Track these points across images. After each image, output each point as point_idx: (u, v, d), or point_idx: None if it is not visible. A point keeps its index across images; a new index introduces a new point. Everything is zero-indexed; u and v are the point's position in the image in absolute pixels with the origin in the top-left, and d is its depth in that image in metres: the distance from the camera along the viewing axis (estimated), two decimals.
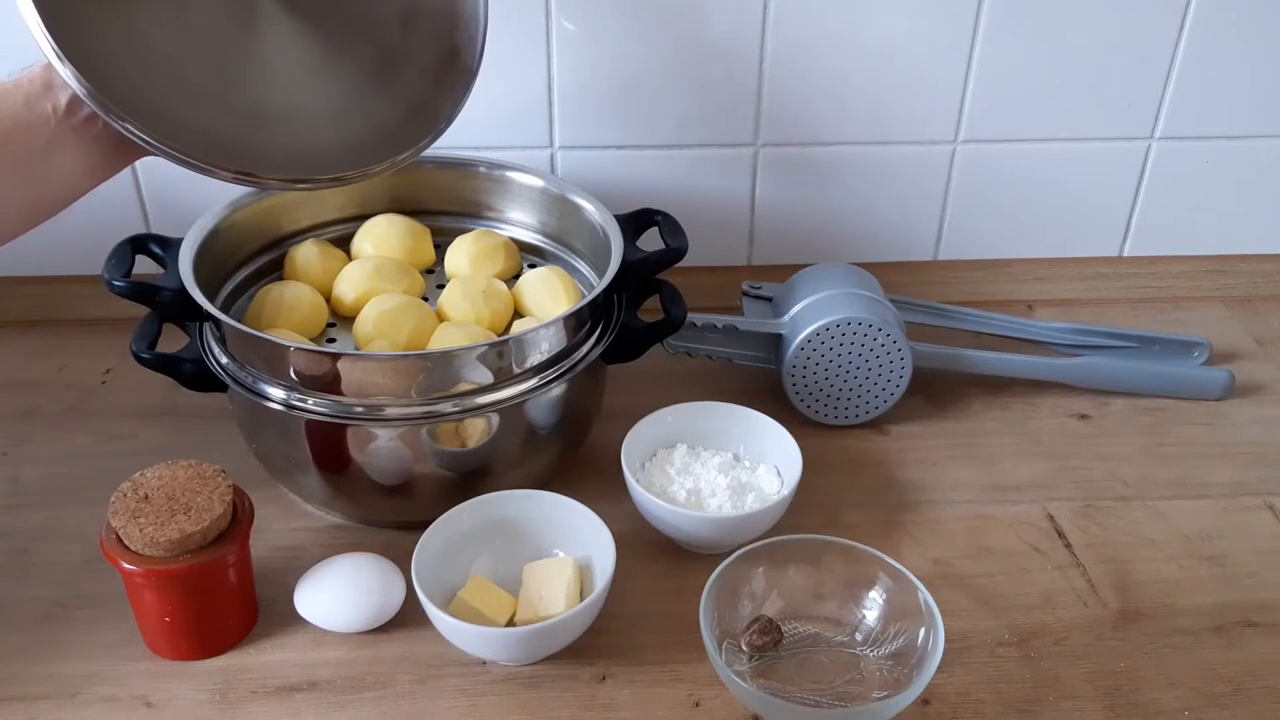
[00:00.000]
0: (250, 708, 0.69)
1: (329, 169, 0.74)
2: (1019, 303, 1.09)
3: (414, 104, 0.78)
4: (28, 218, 0.69)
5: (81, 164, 0.69)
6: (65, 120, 0.67)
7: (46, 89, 0.66)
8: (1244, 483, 0.88)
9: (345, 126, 0.75)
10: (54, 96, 0.66)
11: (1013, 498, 0.86)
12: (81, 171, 0.69)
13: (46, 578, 0.78)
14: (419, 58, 0.78)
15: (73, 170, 0.69)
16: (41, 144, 0.66)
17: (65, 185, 0.69)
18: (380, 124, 0.76)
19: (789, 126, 1.00)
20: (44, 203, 0.69)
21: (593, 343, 0.81)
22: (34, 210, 0.69)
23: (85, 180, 0.70)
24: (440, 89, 0.79)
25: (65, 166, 0.68)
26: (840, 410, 0.92)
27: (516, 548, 0.76)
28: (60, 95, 0.66)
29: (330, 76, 0.75)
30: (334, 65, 0.75)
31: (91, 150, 0.68)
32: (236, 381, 0.77)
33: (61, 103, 0.66)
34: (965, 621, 0.75)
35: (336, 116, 0.75)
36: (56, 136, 0.67)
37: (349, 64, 0.76)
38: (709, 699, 0.70)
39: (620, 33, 0.96)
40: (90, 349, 1.00)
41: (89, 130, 0.67)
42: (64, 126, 0.67)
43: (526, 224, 0.95)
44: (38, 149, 0.66)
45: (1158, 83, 1.00)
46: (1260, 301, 1.10)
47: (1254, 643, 0.74)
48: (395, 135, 0.77)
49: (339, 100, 0.75)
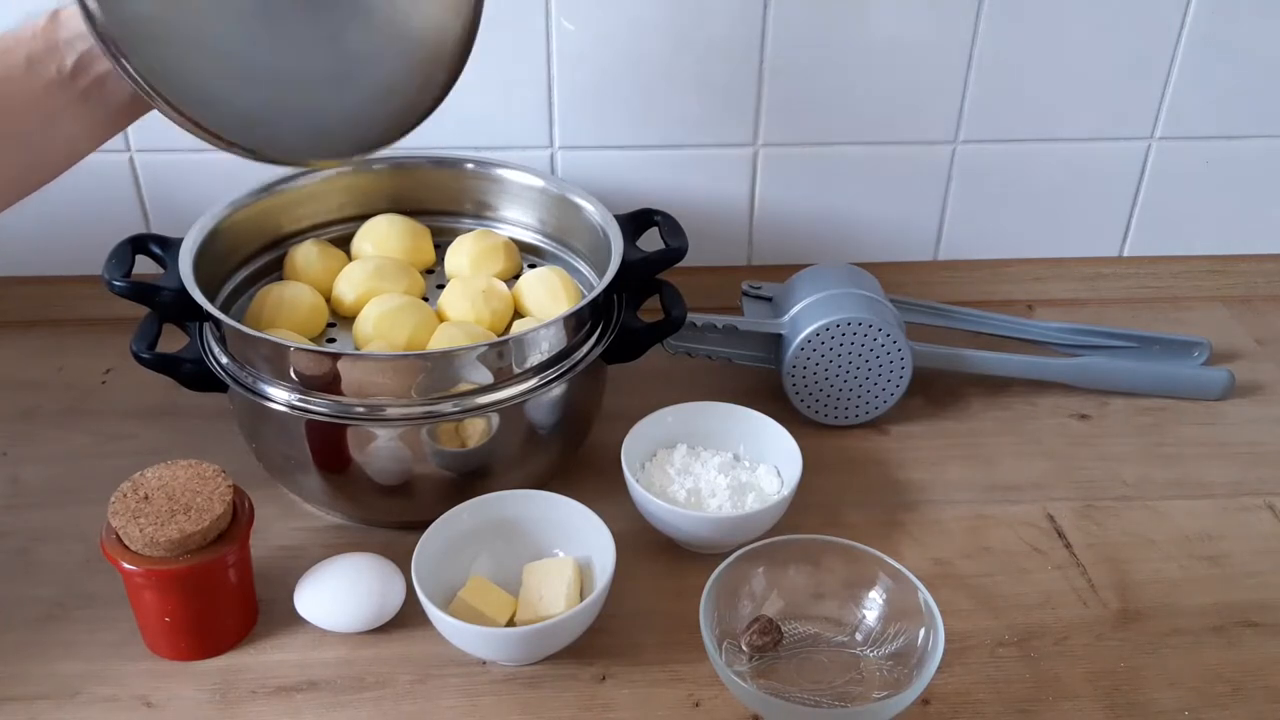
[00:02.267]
0: (250, 708, 0.69)
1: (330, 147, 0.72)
2: (1019, 303, 1.09)
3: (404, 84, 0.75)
4: (25, 182, 0.67)
5: (83, 127, 0.67)
6: (70, 82, 0.64)
7: (50, 49, 0.64)
8: (1244, 483, 0.88)
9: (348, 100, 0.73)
10: (59, 57, 0.64)
11: (1013, 498, 0.86)
12: (81, 135, 0.67)
13: (46, 578, 0.78)
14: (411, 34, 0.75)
15: (73, 133, 0.67)
16: (43, 106, 0.64)
17: (65, 149, 0.67)
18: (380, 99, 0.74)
19: (789, 126, 1.00)
20: (42, 167, 0.68)
21: (593, 343, 0.81)
22: (32, 173, 0.67)
23: (85, 143, 0.68)
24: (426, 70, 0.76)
25: (66, 129, 0.66)
26: (840, 410, 0.92)
27: (516, 548, 0.76)
28: (66, 57, 0.64)
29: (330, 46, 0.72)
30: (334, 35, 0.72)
31: (95, 112, 0.66)
32: (236, 381, 0.77)
33: (67, 64, 0.64)
34: (965, 621, 0.75)
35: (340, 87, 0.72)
36: (59, 98, 0.65)
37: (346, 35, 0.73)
38: (709, 699, 0.70)
39: (620, 33, 0.95)
40: (90, 349, 1.00)
41: (94, 94, 0.65)
42: (68, 89, 0.64)
43: (526, 224, 0.95)
44: (39, 111, 0.64)
45: (1158, 83, 1.00)
46: (1260, 301, 1.10)
47: (1254, 643, 0.74)
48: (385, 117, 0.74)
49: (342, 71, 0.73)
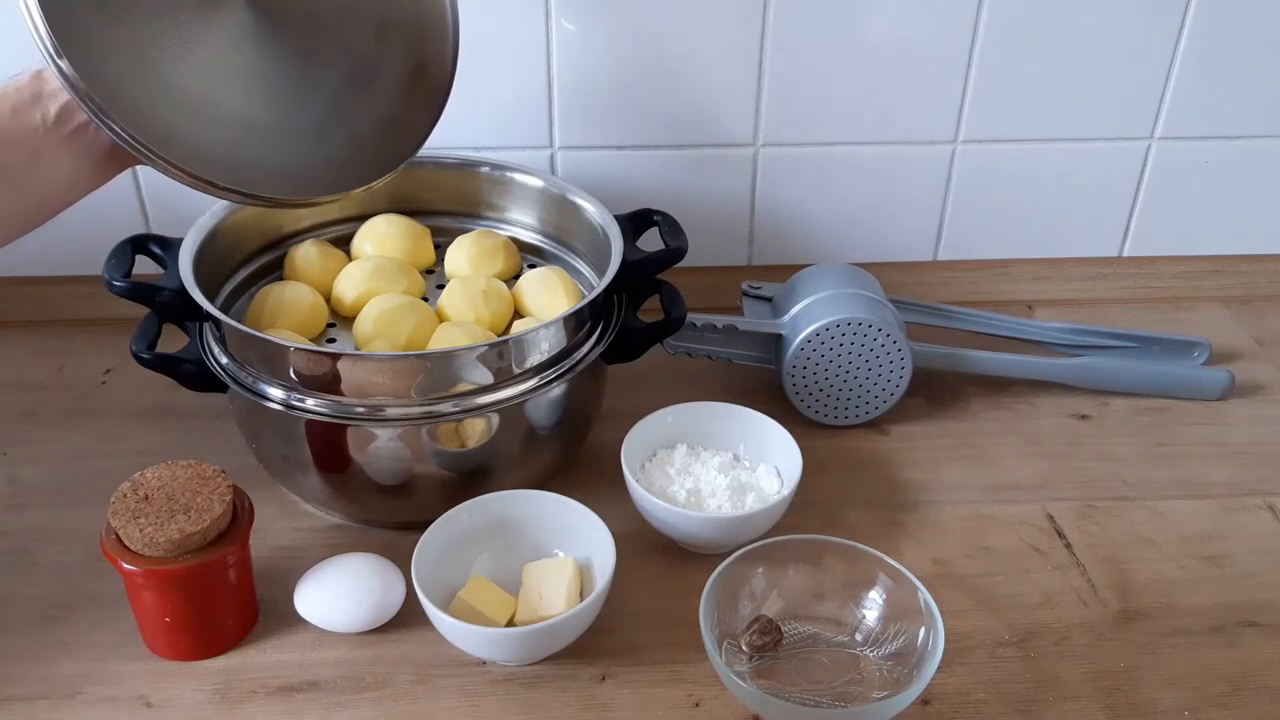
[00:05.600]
0: (250, 708, 0.69)
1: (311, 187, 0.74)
2: (1019, 303, 1.09)
3: (392, 119, 0.78)
4: (11, 229, 0.69)
5: (68, 176, 0.68)
6: (54, 130, 0.66)
7: (35, 100, 0.66)
8: (1244, 483, 0.88)
9: (327, 142, 0.75)
10: (43, 106, 0.66)
11: (1013, 498, 0.86)
12: (67, 184, 0.69)
13: (46, 578, 0.78)
14: (394, 70, 0.79)
15: (58, 182, 0.68)
16: (28, 155, 0.66)
17: (50, 197, 0.69)
18: (360, 139, 0.77)
19: (789, 126, 1.00)
20: (28, 215, 0.69)
21: (593, 343, 0.81)
22: (17, 222, 0.69)
23: (70, 193, 0.70)
24: (414, 103, 0.79)
25: (51, 178, 0.68)
26: (840, 410, 0.92)
27: (516, 548, 0.76)
28: (49, 105, 0.66)
29: (312, 91, 0.75)
30: (315, 79, 0.75)
31: (79, 161, 0.68)
32: (236, 382, 0.77)
33: (51, 113, 0.66)
34: (965, 621, 0.75)
35: (317, 131, 0.75)
36: (44, 147, 0.66)
37: (329, 78, 0.76)
38: (709, 699, 0.70)
39: (620, 33, 0.95)
40: (90, 349, 1.00)
41: (78, 141, 0.67)
42: (52, 137, 0.66)
43: (526, 224, 0.95)
44: (24, 160, 0.66)
45: (1158, 83, 1.00)
46: (1260, 301, 1.10)
47: (1254, 643, 0.74)
48: (375, 150, 0.77)
49: (321, 116, 0.75)
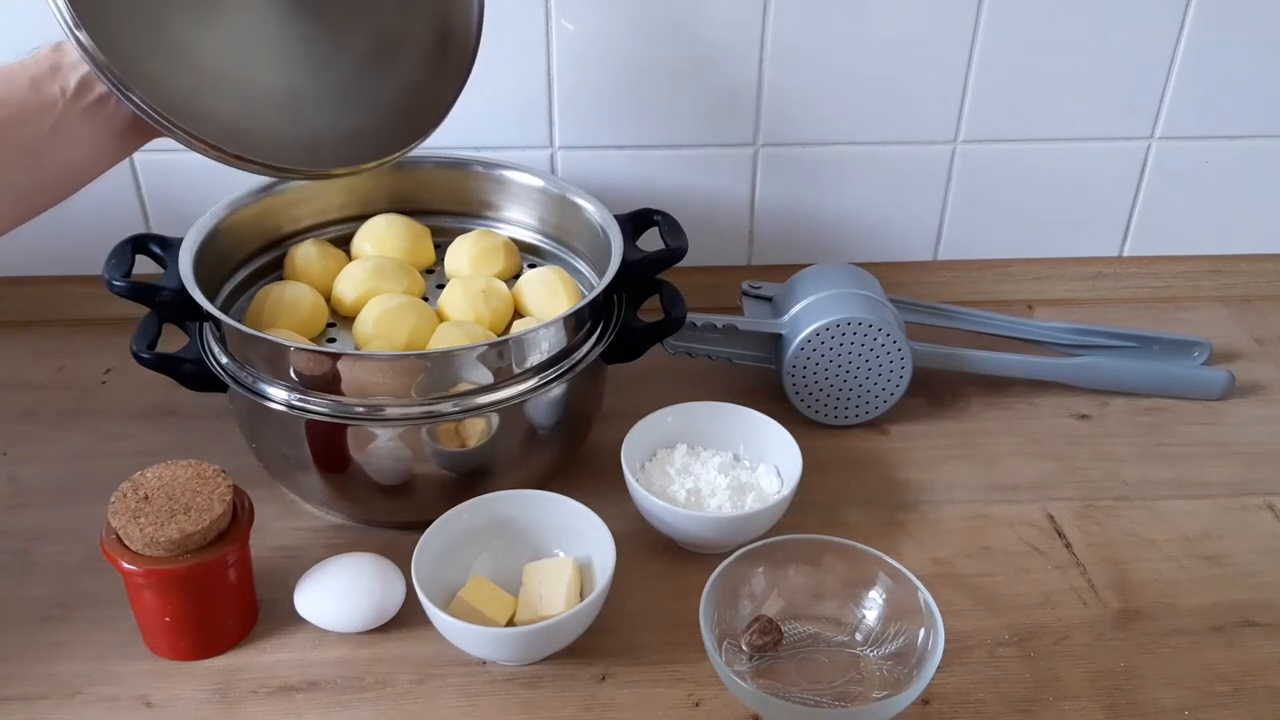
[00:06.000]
0: (250, 708, 0.69)
1: (333, 158, 0.73)
2: (1019, 303, 1.09)
3: (416, 88, 0.77)
4: (30, 205, 0.68)
5: (88, 149, 0.68)
6: (73, 103, 0.65)
7: (54, 71, 0.65)
8: (1244, 483, 0.88)
9: (350, 113, 0.74)
10: (62, 78, 0.65)
11: (1013, 498, 0.86)
12: (87, 157, 0.68)
13: (46, 578, 0.78)
14: (418, 39, 0.77)
15: (79, 156, 0.68)
16: (48, 128, 0.65)
17: (70, 171, 0.68)
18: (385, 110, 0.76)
19: (789, 126, 1.00)
20: (48, 189, 0.68)
21: (593, 343, 0.81)
22: (37, 197, 0.68)
23: (90, 167, 0.69)
24: (439, 73, 0.78)
25: (71, 151, 0.67)
26: (840, 410, 0.92)
27: (516, 548, 0.76)
28: (69, 77, 0.65)
29: (335, 61, 0.74)
30: (338, 49, 0.74)
31: (99, 134, 0.67)
32: (236, 381, 0.77)
33: (70, 85, 0.65)
34: (965, 621, 0.75)
35: (341, 101, 0.74)
36: (63, 120, 0.65)
37: (353, 47, 0.75)
38: (709, 699, 0.70)
39: (620, 33, 0.95)
40: (90, 349, 1.00)
41: (98, 113, 0.66)
42: (72, 109, 0.66)
43: (526, 224, 0.95)
44: (44, 133, 0.65)
45: (1158, 83, 1.00)
46: (1260, 301, 1.10)
47: (1254, 642, 0.74)
48: (399, 122, 0.76)
49: (343, 85, 0.74)
